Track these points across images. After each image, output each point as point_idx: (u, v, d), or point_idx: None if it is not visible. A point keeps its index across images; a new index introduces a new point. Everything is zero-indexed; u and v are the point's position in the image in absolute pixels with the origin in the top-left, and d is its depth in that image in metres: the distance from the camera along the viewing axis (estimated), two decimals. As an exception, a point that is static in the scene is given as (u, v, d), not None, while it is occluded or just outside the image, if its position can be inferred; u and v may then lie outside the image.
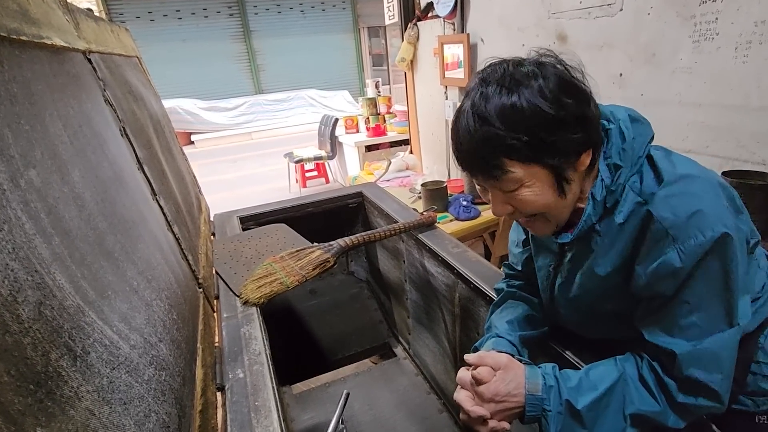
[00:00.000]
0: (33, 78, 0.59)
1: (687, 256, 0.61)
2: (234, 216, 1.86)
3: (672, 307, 0.66)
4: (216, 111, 9.01)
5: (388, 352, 2.01)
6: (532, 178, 0.66)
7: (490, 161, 0.65)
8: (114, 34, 1.32)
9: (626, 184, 0.68)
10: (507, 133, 0.63)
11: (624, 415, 0.68)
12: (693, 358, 0.65)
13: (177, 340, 0.78)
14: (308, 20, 9.86)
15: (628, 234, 0.68)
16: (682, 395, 0.67)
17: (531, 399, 0.71)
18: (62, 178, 0.58)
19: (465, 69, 2.77)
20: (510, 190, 0.67)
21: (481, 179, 0.69)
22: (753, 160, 1.57)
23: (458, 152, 0.69)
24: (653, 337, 0.68)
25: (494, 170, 0.66)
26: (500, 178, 0.66)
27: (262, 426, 0.79)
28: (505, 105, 0.63)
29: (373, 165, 3.89)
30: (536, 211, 0.69)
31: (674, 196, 0.64)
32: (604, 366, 0.73)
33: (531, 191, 0.67)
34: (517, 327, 0.88)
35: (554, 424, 0.69)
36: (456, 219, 2.40)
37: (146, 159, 1.10)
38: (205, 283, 1.21)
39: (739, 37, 1.51)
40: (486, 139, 0.64)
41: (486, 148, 0.65)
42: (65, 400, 0.41)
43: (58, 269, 0.48)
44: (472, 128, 0.65)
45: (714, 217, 0.61)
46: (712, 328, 0.64)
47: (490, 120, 0.63)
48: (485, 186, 0.71)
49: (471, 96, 0.67)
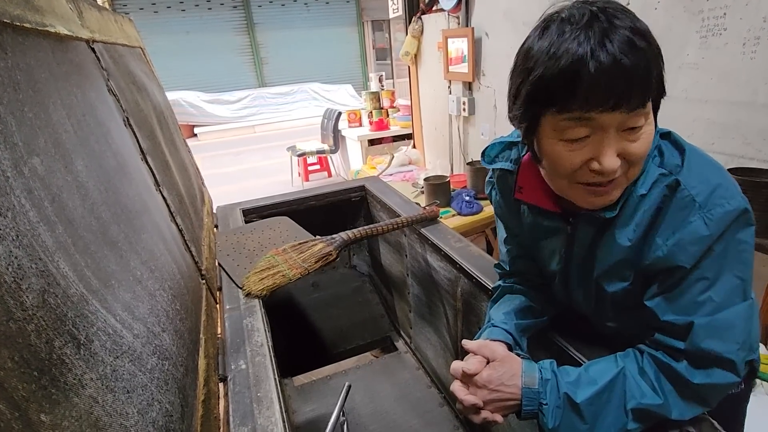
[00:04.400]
0: (36, 66, 0.58)
1: (713, 223, 0.61)
2: (237, 208, 1.86)
3: (689, 283, 0.64)
4: (219, 104, 9.00)
5: (390, 345, 2.01)
6: (650, 113, 0.62)
7: (650, 79, 0.57)
8: (118, 25, 1.31)
9: (650, 158, 0.66)
10: (657, 46, 0.57)
11: (625, 409, 0.68)
12: (710, 329, 0.64)
13: (180, 331, 0.79)
14: (312, 13, 9.82)
15: (648, 205, 0.67)
16: (697, 373, 0.65)
17: (527, 393, 0.70)
18: (66, 166, 0.58)
19: (469, 63, 2.76)
20: (639, 125, 0.59)
21: (626, 107, 0.57)
22: (759, 158, 1.56)
23: (596, 59, 0.54)
24: (668, 314, 0.67)
25: (649, 92, 0.58)
26: (645, 106, 0.59)
27: (264, 417, 0.79)
28: (644, 26, 0.57)
29: (375, 159, 3.88)
30: (642, 157, 0.62)
31: (698, 166, 0.65)
32: (605, 362, 0.72)
33: (649, 130, 0.61)
34: (514, 316, 0.87)
35: (552, 418, 0.69)
36: (458, 214, 2.40)
37: (149, 150, 1.10)
38: (208, 274, 1.21)
39: (747, 32, 1.50)
40: (655, 56, 0.57)
41: (652, 65, 0.56)
42: (69, 388, 0.41)
43: (62, 257, 0.48)
44: (631, 42, 0.55)
45: (735, 191, 0.63)
46: (728, 302, 0.64)
47: (649, 37, 0.56)
48: (610, 123, 0.58)
49: (586, 16, 0.56)
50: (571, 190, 0.67)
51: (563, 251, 0.80)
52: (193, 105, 8.69)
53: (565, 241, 0.79)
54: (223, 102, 9.05)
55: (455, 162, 3.30)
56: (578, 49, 0.55)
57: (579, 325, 0.90)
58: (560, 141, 0.62)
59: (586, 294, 0.81)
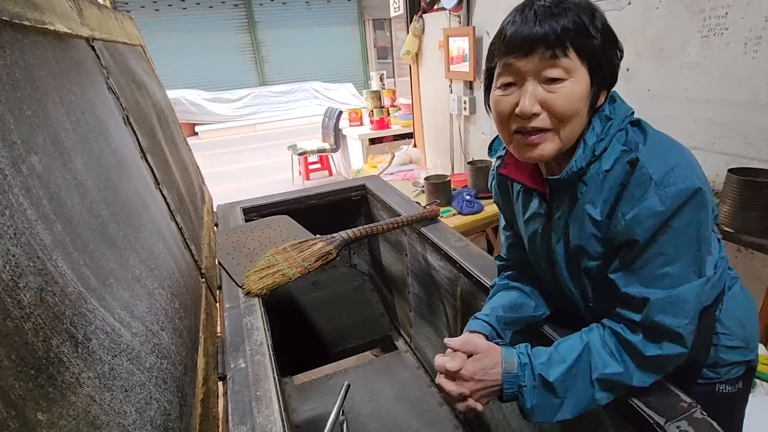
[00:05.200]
0: (35, 63, 0.58)
1: (668, 200, 0.66)
2: (237, 207, 1.86)
3: (648, 257, 0.70)
4: (220, 102, 8.99)
5: (390, 345, 2.01)
6: (580, 75, 0.69)
7: (563, 37, 0.66)
8: (118, 22, 1.31)
9: (614, 136, 0.73)
10: (590, 20, 0.67)
11: (591, 380, 0.73)
12: (664, 304, 0.69)
13: (179, 329, 0.78)
14: (313, 12, 9.80)
15: (612, 181, 0.72)
16: (650, 345, 0.71)
17: (507, 377, 0.76)
18: (64, 164, 0.58)
19: (470, 62, 2.75)
20: (555, 77, 0.68)
21: (537, 56, 0.68)
22: (760, 158, 1.55)
23: (524, 22, 0.68)
24: (628, 287, 0.72)
25: (559, 48, 0.67)
26: (559, 59, 0.67)
27: (263, 415, 0.79)
28: (590, 2, 0.70)
29: (376, 158, 3.88)
30: (565, 113, 0.70)
31: (660, 147, 0.70)
32: (571, 339, 0.78)
33: (572, 87, 0.68)
34: (500, 310, 0.91)
35: (530, 398, 0.74)
36: (459, 213, 2.40)
37: (149, 148, 1.10)
38: (207, 273, 1.21)
39: (749, 32, 1.49)
40: (574, 13, 0.67)
41: (567, 21, 0.66)
42: (66, 386, 0.41)
43: (60, 256, 0.48)
44: (564, 6, 0.67)
45: (692, 172, 0.67)
46: (683, 278, 0.69)
47: (591, 9, 0.69)
48: (526, 70, 0.69)
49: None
50: (512, 143, 0.76)
51: (541, 230, 0.86)
52: (194, 103, 8.68)
53: (544, 221, 0.85)
54: (224, 100, 9.04)
55: (456, 161, 3.29)
56: (510, 18, 0.71)
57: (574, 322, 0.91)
58: (497, 89, 0.74)
59: (570, 272, 0.85)
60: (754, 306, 0.91)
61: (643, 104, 1.87)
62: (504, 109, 0.73)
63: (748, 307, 0.89)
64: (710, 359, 0.84)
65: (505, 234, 1.02)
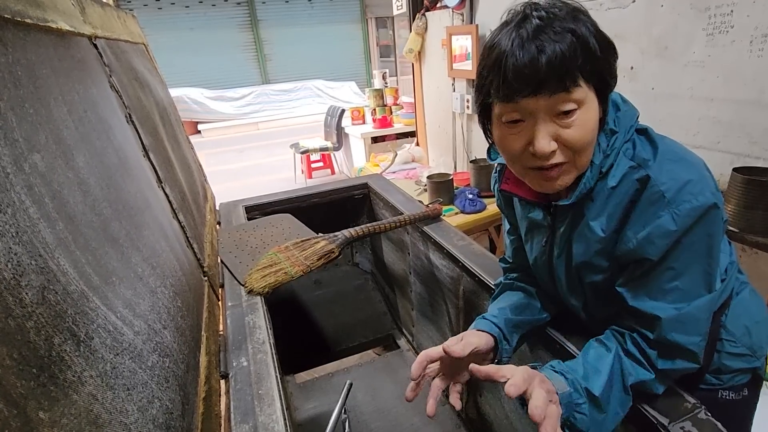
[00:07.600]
0: (37, 62, 0.58)
1: (681, 218, 0.63)
2: (239, 205, 1.86)
3: (658, 272, 0.68)
4: (223, 100, 9.00)
5: (392, 343, 2.01)
6: (590, 101, 0.64)
7: (571, 66, 0.60)
8: (120, 21, 1.31)
9: (620, 150, 0.69)
10: (588, 31, 0.62)
11: (625, 386, 0.70)
12: (676, 322, 0.68)
13: (181, 328, 0.78)
14: (316, 10, 9.80)
15: (620, 197, 0.70)
16: (662, 361, 0.70)
17: (562, 397, 0.64)
18: (67, 163, 0.58)
19: (473, 61, 2.74)
20: (568, 110, 0.62)
21: (548, 93, 0.61)
22: (765, 157, 1.54)
23: (522, 48, 0.60)
24: (637, 301, 0.70)
25: (569, 78, 0.61)
26: (570, 90, 0.61)
27: (266, 414, 0.79)
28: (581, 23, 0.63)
29: (379, 156, 3.87)
30: (581, 145, 0.65)
31: (672, 162, 0.67)
32: (594, 349, 0.73)
33: (585, 117, 0.64)
34: (508, 311, 0.87)
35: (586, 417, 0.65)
36: (461, 212, 2.39)
37: (152, 146, 1.10)
38: (210, 271, 1.21)
39: (754, 30, 1.48)
40: (584, 49, 0.60)
41: (570, 43, 0.60)
42: (68, 385, 0.41)
43: (62, 254, 0.48)
44: (560, 27, 0.60)
45: (705, 187, 0.64)
46: (693, 293, 0.67)
47: (583, 19, 0.62)
48: (537, 108, 0.63)
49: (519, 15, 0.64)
50: (526, 175, 0.72)
51: (545, 243, 0.84)
52: (197, 102, 8.70)
53: (547, 232, 0.83)
54: (226, 99, 9.05)
55: (459, 160, 3.28)
56: (505, 45, 0.63)
57: (577, 325, 0.90)
58: (502, 125, 0.68)
59: (570, 286, 0.83)
60: (765, 312, 0.87)
61: (647, 103, 1.86)
62: (515, 148, 0.68)
63: (756, 313, 0.86)
64: (713, 365, 0.82)
65: (510, 238, 0.99)
